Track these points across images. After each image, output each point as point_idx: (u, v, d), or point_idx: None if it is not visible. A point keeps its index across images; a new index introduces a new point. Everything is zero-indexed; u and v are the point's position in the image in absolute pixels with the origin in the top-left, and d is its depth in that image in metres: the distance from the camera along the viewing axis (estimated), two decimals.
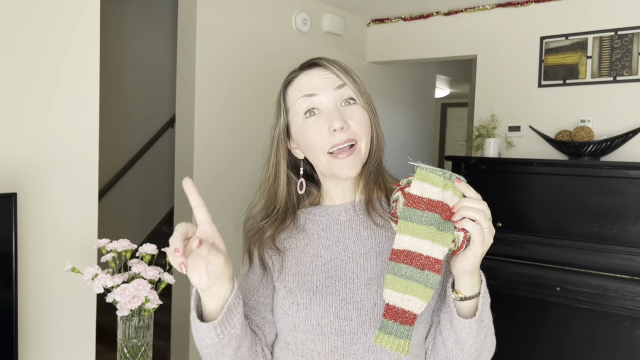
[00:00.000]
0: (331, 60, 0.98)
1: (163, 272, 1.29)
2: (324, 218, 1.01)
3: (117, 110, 4.04)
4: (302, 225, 1.01)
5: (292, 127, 0.99)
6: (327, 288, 0.94)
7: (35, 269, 1.73)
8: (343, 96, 0.95)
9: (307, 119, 0.95)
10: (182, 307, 3.06)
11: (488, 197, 0.87)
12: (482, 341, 0.89)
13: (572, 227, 2.78)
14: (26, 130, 1.69)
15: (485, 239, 0.79)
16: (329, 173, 0.97)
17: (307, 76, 0.97)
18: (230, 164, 3.14)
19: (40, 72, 1.71)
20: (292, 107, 0.97)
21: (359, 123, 0.94)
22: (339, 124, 0.91)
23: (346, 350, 0.92)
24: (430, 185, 0.79)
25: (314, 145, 0.94)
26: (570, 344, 2.71)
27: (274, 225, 1.00)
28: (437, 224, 0.78)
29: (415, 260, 0.79)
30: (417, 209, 0.79)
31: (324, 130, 0.93)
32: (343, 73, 0.96)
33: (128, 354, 1.22)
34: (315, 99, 0.94)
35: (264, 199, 1.03)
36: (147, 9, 4.22)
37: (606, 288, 2.59)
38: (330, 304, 0.93)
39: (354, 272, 0.95)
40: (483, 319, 0.86)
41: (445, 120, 7.85)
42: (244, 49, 3.21)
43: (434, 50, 3.85)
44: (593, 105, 3.17)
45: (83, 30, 1.81)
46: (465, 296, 0.85)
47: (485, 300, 0.87)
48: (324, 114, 0.94)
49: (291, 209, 1.02)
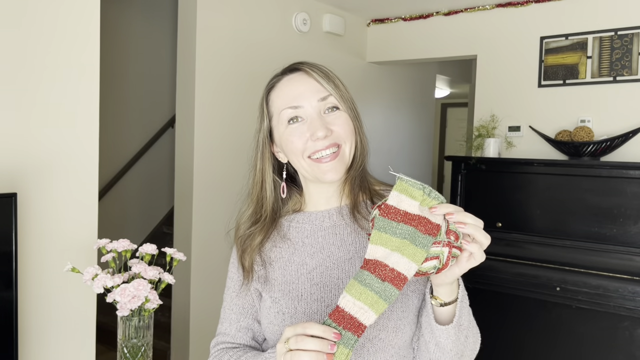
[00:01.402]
0: (313, 65, 0.98)
1: (163, 272, 1.30)
2: (308, 225, 1.01)
3: (117, 110, 4.04)
4: (285, 233, 1.02)
5: (275, 132, 1.00)
6: (312, 295, 0.95)
7: (35, 269, 1.73)
8: (327, 105, 0.95)
9: (290, 125, 0.96)
10: (182, 307, 3.07)
11: (488, 197, 0.87)
12: (463, 343, 0.89)
13: (572, 227, 2.78)
14: (26, 131, 1.69)
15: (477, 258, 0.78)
16: (313, 177, 0.97)
17: (290, 82, 0.97)
18: (230, 164, 3.14)
19: (40, 72, 1.71)
20: (276, 114, 0.98)
21: (342, 127, 0.95)
22: (322, 132, 0.92)
23: None
24: (408, 197, 0.75)
25: (296, 150, 0.95)
26: (570, 344, 2.71)
27: (263, 232, 1.01)
28: (411, 238, 0.74)
29: (378, 270, 0.76)
30: (392, 220, 0.75)
31: (306, 137, 0.94)
32: (326, 80, 0.96)
33: (128, 354, 1.22)
34: (300, 110, 0.95)
35: (253, 204, 1.03)
36: (147, 9, 4.22)
37: (606, 288, 2.59)
38: (315, 311, 0.94)
39: (339, 278, 0.95)
40: (461, 323, 0.86)
41: (445, 120, 7.85)
42: (244, 49, 3.21)
43: (434, 50, 3.85)
44: (593, 105, 3.17)
45: (83, 30, 1.82)
46: (444, 302, 0.85)
47: (464, 305, 0.86)
48: (307, 122, 0.94)
49: (277, 213, 1.03)
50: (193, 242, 3.00)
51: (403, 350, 0.95)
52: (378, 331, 0.93)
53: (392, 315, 0.93)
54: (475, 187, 3.11)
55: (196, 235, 3.01)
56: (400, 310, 0.93)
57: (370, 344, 0.93)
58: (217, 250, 3.07)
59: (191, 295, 3.00)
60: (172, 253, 1.33)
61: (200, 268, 3.03)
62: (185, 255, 1.34)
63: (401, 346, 0.94)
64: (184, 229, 3.04)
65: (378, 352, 0.93)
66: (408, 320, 0.93)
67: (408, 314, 0.93)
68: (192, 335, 3.03)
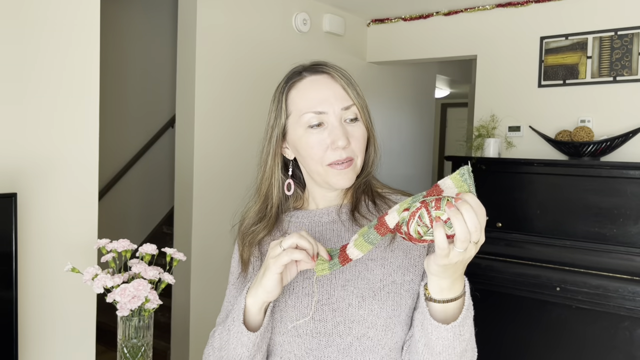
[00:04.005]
0: (337, 69, 0.98)
1: (163, 272, 1.29)
2: (306, 220, 1.02)
3: (117, 110, 4.04)
4: (285, 230, 1.02)
5: (290, 131, 0.98)
6: (303, 290, 0.95)
7: (35, 269, 1.73)
8: (349, 115, 0.95)
9: (310, 129, 0.95)
10: (182, 307, 3.07)
11: (488, 197, 0.86)
12: (459, 355, 0.84)
13: (572, 227, 2.78)
14: (26, 131, 1.69)
15: (450, 255, 0.72)
16: (323, 183, 0.98)
17: (315, 85, 0.96)
18: (230, 164, 3.14)
19: (40, 72, 1.71)
20: (296, 114, 0.96)
21: (358, 141, 0.96)
22: (342, 142, 0.93)
23: (321, 352, 0.93)
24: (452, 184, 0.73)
25: (314, 156, 0.95)
26: (570, 344, 2.71)
27: (267, 229, 1.01)
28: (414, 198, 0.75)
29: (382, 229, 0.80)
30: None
31: (326, 144, 0.94)
32: (350, 88, 0.96)
33: (128, 354, 1.22)
34: (323, 116, 0.94)
35: (260, 201, 1.03)
36: (147, 9, 4.22)
37: (606, 288, 2.58)
38: (306, 305, 0.94)
39: (331, 273, 0.95)
40: (462, 333, 0.83)
41: (445, 120, 7.85)
42: (244, 49, 3.21)
43: (434, 50, 3.85)
44: (593, 105, 3.17)
45: (83, 30, 1.81)
46: (431, 297, 0.82)
47: (468, 314, 0.83)
48: (328, 129, 0.94)
49: (280, 208, 1.03)
50: (193, 242, 3.00)
51: (393, 353, 0.93)
52: (366, 329, 0.91)
53: (381, 313, 0.91)
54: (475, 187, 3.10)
55: (196, 235, 3.01)
56: (391, 308, 0.91)
57: (359, 342, 0.91)
58: (217, 250, 3.07)
59: (191, 295, 3.00)
60: (172, 253, 1.33)
61: (200, 268, 3.03)
62: (185, 255, 1.34)
63: (392, 348, 0.93)
64: (184, 229, 3.04)
65: (366, 351, 0.91)
66: (399, 319, 0.92)
67: (400, 313, 0.92)
68: (192, 335, 3.03)
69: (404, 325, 0.93)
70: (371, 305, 0.92)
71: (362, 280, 0.94)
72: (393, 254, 0.96)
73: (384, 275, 0.94)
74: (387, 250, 0.96)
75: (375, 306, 0.91)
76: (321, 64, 0.99)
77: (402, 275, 0.94)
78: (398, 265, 0.95)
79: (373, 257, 0.95)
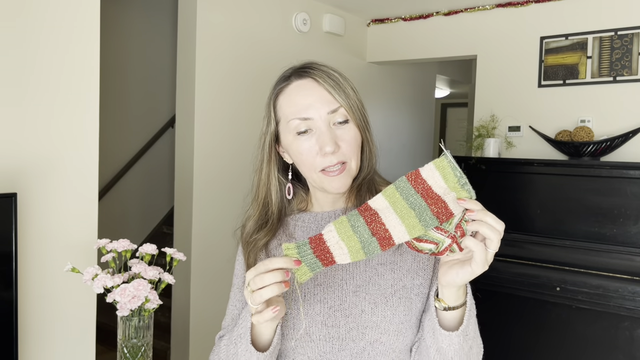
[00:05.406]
0: (323, 72, 0.95)
1: (163, 272, 1.29)
2: (313, 224, 1.01)
3: (117, 110, 4.04)
4: (291, 232, 1.02)
5: (282, 137, 0.98)
6: (315, 296, 0.95)
7: (35, 269, 1.73)
8: (336, 118, 0.93)
9: (299, 136, 0.94)
10: (182, 307, 3.07)
11: (488, 197, 0.86)
12: (467, 353, 0.87)
13: (572, 227, 2.78)
14: (26, 131, 1.69)
15: (488, 260, 0.76)
16: (320, 188, 0.97)
17: (299, 90, 0.95)
18: (230, 164, 3.14)
19: (40, 72, 1.71)
20: (284, 121, 0.96)
21: (349, 144, 0.93)
22: (330, 148, 0.91)
23: (335, 355, 0.93)
24: (440, 176, 0.74)
25: (306, 162, 0.94)
26: (570, 344, 2.71)
27: (270, 234, 1.01)
28: (418, 212, 0.74)
29: (374, 224, 0.76)
30: (413, 187, 0.75)
31: (315, 151, 0.92)
32: (336, 90, 0.93)
33: (128, 354, 1.22)
34: (309, 122, 0.93)
35: (259, 208, 1.03)
36: (147, 9, 4.22)
37: (606, 288, 2.58)
38: (318, 312, 0.94)
39: (342, 279, 0.95)
40: (468, 333, 0.85)
41: (445, 120, 7.85)
42: (244, 49, 3.21)
43: (434, 50, 3.85)
44: (593, 105, 3.17)
45: (83, 30, 1.81)
46: (449, 306, 0.83)
47: (471, 314, 0.86)
48: (316, 134, 0.93)
49: (283, 212, 1.03)
50: (193, 242, 2.99)
51: (403, 354, 0.94)
52: (379, 334, 0.92)
53: (394, 319, 0.92)
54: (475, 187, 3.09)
55: (196, 235, 3.01)
56: (402, 313, 0.92)
57: (371, 347, 0.92)
58: (217, 250, 3.07)
59: (191, 295, 3.00)
60: (172, 253, 1.33)
61: (200, 268, 3.03)
62: (185, 255, 1.34)
63: (402, 350, 0.94)
64: (184, 229, 3.04)
65: (378, 355, 0.92)
66: (410, 324, 0.93)
67: (410, 317, 0.93)
68: (192, 335, 3.03)
69: (414, 329, 0.94)
70: (384, 311, 0.92)
71: (374, 286, 0.94)
72: (402, 257, 0.96)
73: (395, 280, 0.94)
74: (395, 254, 0.96)
75: (387, 312, 0.92)
76: (306, 67, 0.97)
77: (411, 279, 0.95)
78: (407, 270, 0.95)
79: (383, 262, 0.95)
